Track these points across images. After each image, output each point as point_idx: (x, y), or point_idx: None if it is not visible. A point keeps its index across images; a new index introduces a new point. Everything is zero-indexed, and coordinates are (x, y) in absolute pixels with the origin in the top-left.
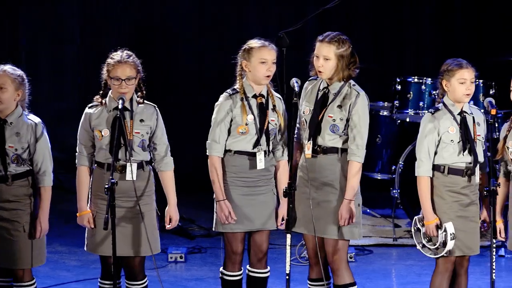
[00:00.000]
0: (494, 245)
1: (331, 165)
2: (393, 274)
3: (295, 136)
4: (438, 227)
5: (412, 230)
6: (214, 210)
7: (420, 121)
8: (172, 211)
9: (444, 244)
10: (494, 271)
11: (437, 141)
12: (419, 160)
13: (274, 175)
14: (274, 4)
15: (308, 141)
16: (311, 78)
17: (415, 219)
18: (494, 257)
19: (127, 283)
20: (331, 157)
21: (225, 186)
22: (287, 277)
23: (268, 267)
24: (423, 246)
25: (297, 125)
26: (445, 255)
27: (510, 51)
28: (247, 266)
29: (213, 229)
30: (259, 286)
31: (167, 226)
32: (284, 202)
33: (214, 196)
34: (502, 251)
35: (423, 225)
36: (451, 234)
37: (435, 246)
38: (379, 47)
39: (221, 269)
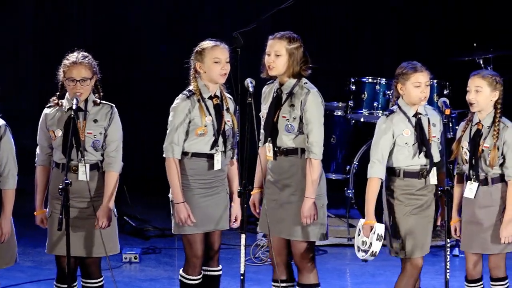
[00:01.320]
0: (448, 245)
1: (292, 166)
2: (348, 274)
3: (261, 140)
4: (372, 229)
5: (356, 232)
6: (171, 212)
7: (374, 121)
8: (102, 212)
9: (370, 245)
10: (448, 270)
11: (392, 144)
12: (372, 162)
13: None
14: (230, 4)
15: (267, 143)
16: (268, 82)
17: (360, 221)
18: (448, 256)
19: (83, 281)
20: (292, 158)
21: (183, 188)
22: (241, 277)
23: (220, 266)
24: (358, 249)
25: (262, 129)
26: (371, 256)
27: (465, 51)
28: None
29: (173, 232)
30: (212, 284)
31: (96, 227)
32: (237, 202)
33: (171, 199)
34: (456, 251)
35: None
36: (378, 235)
37: (365, 248)
38: (334, 47)
39: (181, 271)
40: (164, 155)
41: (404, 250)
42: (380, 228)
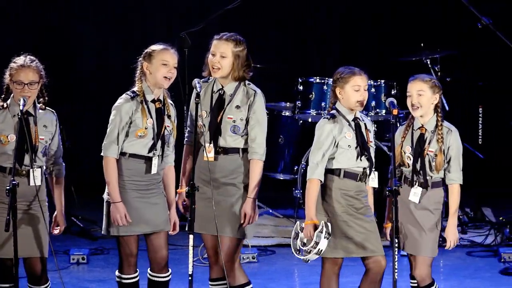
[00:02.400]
0: (396, 245)
1: (232, 165)
2: (296, 274)
3: (186, 139)
4: (316, 227)
5: (292, 235)
6: (104, 212)
7: None
8: (60, 217)
9: (317, 243)
10: (396, 270)
11: (334, 147)
12: (312, 163)
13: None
14: (178, 4)
15: (210, 143)
16: (202, 80)
17: (297, 224)
18: (396, 256)
19: (30, 287)
20: (232, 157)
21: (119, 189)
22: (189, 278)
23: (170, 270)
24: (299, 252)
25: (188, 128)
26: (317, 254)
27: (411, 51)
28: (148, 270)
29: (103, 232)
30: None
31: (55, 232)
32: (173, 208)
33: (106, 199)
34: (403, 251)
35: (302, 230)
36: (326, 233)
37: (308, 248)
38: (282, 47)
39: (117, 272)
40: (102, 154)
41: (338, 250)
42: (328, 227)
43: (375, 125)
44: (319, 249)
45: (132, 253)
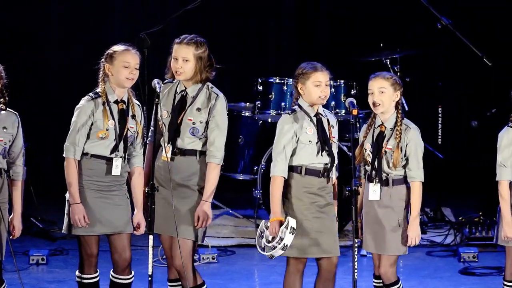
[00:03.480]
0: (356, 245)
1: (188, 167)
2: (256, 275)
3: (149, 139)
4: (281, 224)
5: (257, 233)
6: (66, 212)
7: None
8: (17, 221)
9: (281, 239)
10: (356, 270)
11: (295, 142)
12: (275, 160)
13: (127, 181)
14: (138, 5)
15: (168, 144)
16: (166, 81)
17: (263, 222)
18: (356, 256)
19: None
20: (189, 159)
21: (80, 189)
22: (149, 278)
23: (132, 272)
24: (263, 249)
25: (151, 127)
26: (282, 249)
27: (371, 52)
28: (111, 271)
29: (64, 231)
30: None
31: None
32: (140, 209)
33: (67, 198)
34: (364, 251)
35: (268, 228)
36: (291, 228)
37: (273, 244)
38: (241, 47)
39: (77, 273)
40: (64, 155)
41: (299, 248)
42: (293, 222)
43: None
44: (284, 244)
45: (92, 253)
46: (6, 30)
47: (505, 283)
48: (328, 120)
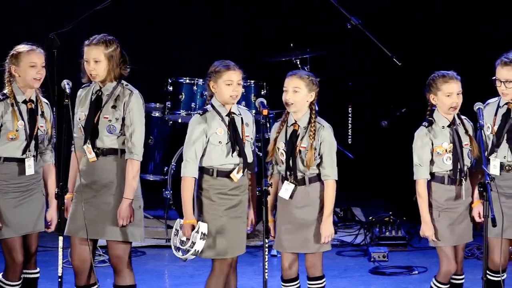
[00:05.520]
0: (267, 245)
1: (110, 167)
2: (166, 275)
3: (73, 142)
4: (194, 227)
5: (172, 232)
6: None
7: None
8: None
9: (193, 244)
10: (266, 270)
11: (205, 143)
12: (186, 161)
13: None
14: (44, 5)
15: (87, 144)
16: (84, 85)
17: (177, 221)
18: (266, 257)
19: None
20: (111, 158)
21: None
22: (59, 280)
23: (38, 268)
24: (178, 249)
25: (73, 133)
26: (193, 255)
27: (281, 52)
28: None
29: None
30: (30, 286)
31: None
32: (53, 206)
33: None
34: (274, 251)
35: (182, 227)
36: (202, 234)
37: (186, 247)
38: (151, 48)
39: (0, 276)
40: None
41: (215, 250)
42: (204, 227)
43: None
44: (195, 249)
45: (17, 261)
46: None
47: (435, 283)
48: (242, 118)
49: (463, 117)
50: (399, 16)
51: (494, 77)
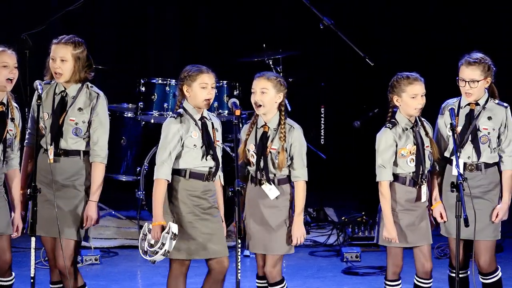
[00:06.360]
0: (239, 245)
1: (73, 167)
2: (139, 276)
3: (26, 141)
4: (164, 229)
5: (140, 236)
6: None
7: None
8: None
9: (163, 244)
10: (239, 271)
11: (180, 146)
12: (160, 164)
13: (5, 183)
14: (16, 6)
15: (51, 145)
16: (45, 82)
17: (145, 225)
18: (239, 257)
19: None
20: (73, 159)
21: None
22: (32, 281)
23: (13, 274)
24: (146, 252)
25: (28, 130)
26: (163, 255)
27: (254, 52)
28: None
29: None
30: None
31: None
32: (18, 211)
33: None
34: (247, 251)
35: (150, 232)
36: (172, 234)
37: (155, 248)
38: (124, 48)
39: None
40: None
41: (185, 251)
42: (174, 228)
43: None
44: (165, 250)
45: None
46: None
47: (387, 282)
48: (212, 123)
49: (422, 119)
50: (370, 17)
51: (457, 77)
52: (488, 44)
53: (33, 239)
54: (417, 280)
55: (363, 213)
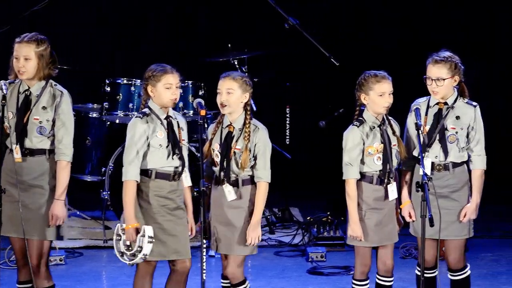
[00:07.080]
0: (205, 246)
1: (39, 166)
2: (104, 276)
3: None
4: (138, 231)
5: (114, 238)
6: None
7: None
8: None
9: (141, 248)
10: (204, 271)
11: (146, 146)
12: (128, 165)
13: None
14: None
15: (16, 145)
16: (9, 81)
17: (117, 226)
18: (204, 257)
19: None
20: (39, 158)
21: None
22: None
23: None
24: (122, 254)
25: None
26: (142, 259)
27: (219, 52)
28: None
29: None
30: None
31: None
32: None
33: None
34: (212, 252)
35: (124, 232)
36: (149, 237)
37: (132, 252)
38: (89, 48)
39: None
40: None
41: (155, 252)
42: (149, 231)
43: None
44: (144, 254)
45: None
46: None
47: (354, 282)
48: (178, 122)
49: (390, 117)
50: (337, 16)
51: (424, 76)
52: (488, 44)
53: None
54: (378, 279)
55: (328, 213)
